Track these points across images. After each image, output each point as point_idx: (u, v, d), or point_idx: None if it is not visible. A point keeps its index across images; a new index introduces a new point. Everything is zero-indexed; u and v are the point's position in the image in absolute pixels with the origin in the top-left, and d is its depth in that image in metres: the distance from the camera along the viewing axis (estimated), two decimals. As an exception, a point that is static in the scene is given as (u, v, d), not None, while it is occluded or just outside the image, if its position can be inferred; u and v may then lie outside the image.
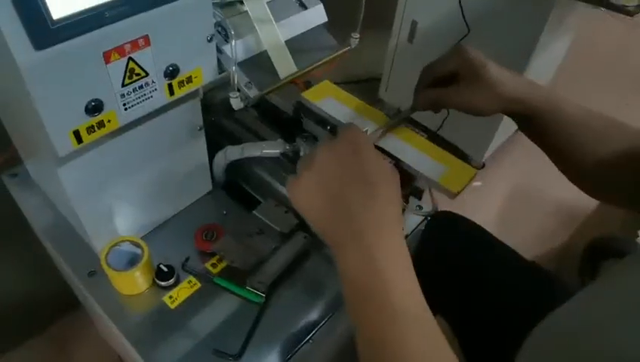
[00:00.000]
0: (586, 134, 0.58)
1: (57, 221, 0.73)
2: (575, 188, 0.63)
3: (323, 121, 0.65)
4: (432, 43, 1.58)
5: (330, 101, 0.66)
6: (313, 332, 0.63)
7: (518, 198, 1.75)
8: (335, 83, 0.69)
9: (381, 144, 0.61)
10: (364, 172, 0.44)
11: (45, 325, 1.21)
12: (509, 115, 0.60)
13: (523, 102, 0.57)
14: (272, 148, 0.66)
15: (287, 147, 0.65)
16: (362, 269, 0.42)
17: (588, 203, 0.60)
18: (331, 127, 0.63)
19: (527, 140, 0.63)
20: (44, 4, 0.41)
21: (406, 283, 0.42)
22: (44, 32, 0.42)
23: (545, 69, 1.64)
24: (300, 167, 0.47)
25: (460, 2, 1.41)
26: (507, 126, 1.67)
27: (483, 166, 1.97)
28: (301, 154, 0.64)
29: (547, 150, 0.62)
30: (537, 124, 0.59)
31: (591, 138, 0.58)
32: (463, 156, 0.62)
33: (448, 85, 0.59)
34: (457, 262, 0.84)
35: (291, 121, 0.69)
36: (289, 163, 0.70)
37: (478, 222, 0.88)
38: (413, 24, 1.60)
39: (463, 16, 1.42)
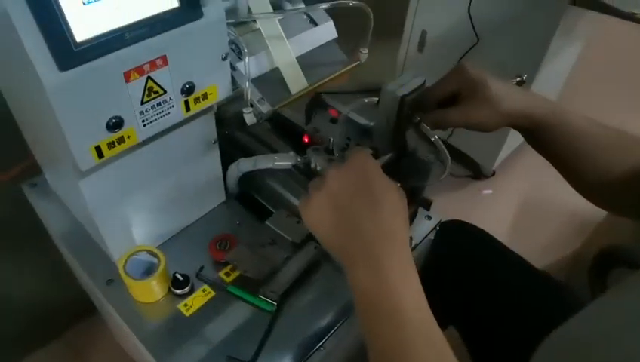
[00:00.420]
0: (592, 147, 0.58)
1: (76, 230, 0.75)
2: None
3: (333, 119, 0.67)
4: (441, 52, 1.59)
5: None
6: (324, 340, 0.65)
7: (529, 206, 1.75)
8: (346, 92, 0.71)
9: None
10: (371, 190, 0.47)
11: (61, 331, 1.23)
12: (514, 128, 0.61)
13: (527, 116, 0.58)
14: (284, 161, 0.68)
15: (299, 159, 0.67)
16: (372, 282, 0.44)
17: (599, 211, 0.61)
18: (339, 123, 0.64)
19: (537, 148, 0.63)
20: (68, 27, 0.43)
21: (413, 294, 0.44)
22: (68, 54, 0.44)
23: (555, 77, 1.64)
24: (311, 188, 0.50)
25: (469, 12, 1.42)
26: (517, 134, 1.67)
27: (493, 174, 1.97)
28: (312, 166, 0.66)
29: (553, 162, 0.63)
30: (543, 137, 0.59)
31: (597, 151, 0.58)
32: (471, 164, 0.63)
33: (450, 105, 0.60)
34: (467, 271, 0.84)
35: (302, 134, 0.71)
36: (300, 174, 0.71)
37: (488, 230, 0.88)
38: (423, 34, 1.62)
39: (472, 26, 1.43)
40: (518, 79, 0.64)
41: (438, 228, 0.82)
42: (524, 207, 1.75)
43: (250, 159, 0.71)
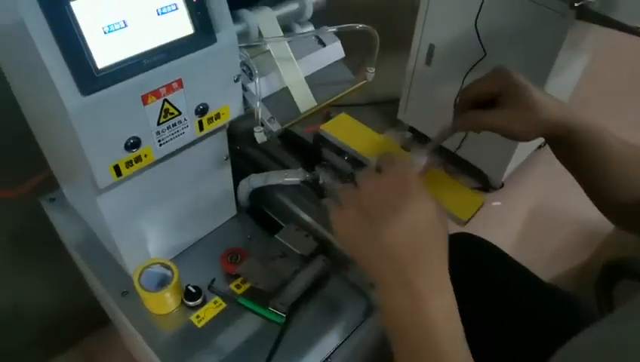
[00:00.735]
0: (618, 165, 0.57)
1: (91, 243, 0.77)
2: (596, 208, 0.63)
3: (341, 151, 0.69)
4: (449, 65, 1.61)
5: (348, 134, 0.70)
6: (332, 351, 0.66)
7: (538, 218, 1.75)
8: (356, 104, 0.73)
9: None
10: (412, 216, 0.45)
11: (76, 340, 1.26)
12: (546, 138, 0.60)
13: (563, 127, 0.57)
14: (293, 177, 0.70)
15: (307, 175, 0.69)
16: (404, 305, 0.44)
17: (608, 223, 0.62)
18: (349, 157, 0.67)
19: (547, 159, 0.64)
20: (91, 55, 0.46)
21: (448, 320, 0.44)
22: (90, 79, 0.47)
23: (562, 90, 1.65)
24: (345, 200, 0.47)
25: (475, 26, 1.44)
26: (526, 145, 1.68)
27: (502, 185, 1.97)
28: (320, 182, 0.68)
29: (579, 177, 0.62)
30: (574, 151, 0.58)
31: (622, 169, 0.57)
32: (480, 175, 0.65)
33: (487, 107, 0.59)
34: (473, 284, 0.85)
35: (311, 151, 0.73)
36: (310, 189, 0.73)
37: (497, 242, 0.88)
38: (431, 47, 1.64)
39: (479, 40, 1.45)
40: None
41: (444, 241, 0.83)
42: (533, 218, 1.75)
43: (262, 175, 0.73)
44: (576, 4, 1.23)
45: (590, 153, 0.58)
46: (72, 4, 0.44)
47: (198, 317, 0.68)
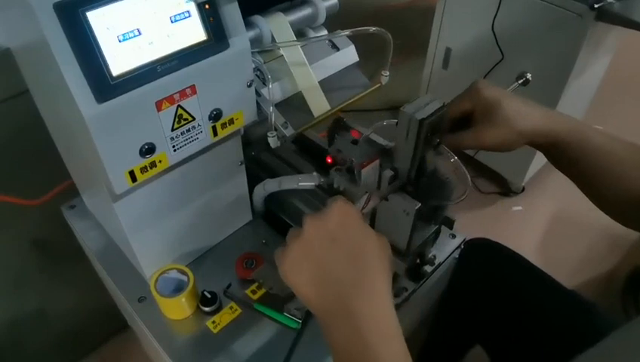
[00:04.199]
0: (611, 164, 0.57)
1: (111, 250, 0.78)
2: None
3: (354, 140, 0.68)
4: (466, 69, 1.60)
5: None
6: (348, 358, 0.65)
7: (561, 223, 1.71)
8: (373, 109, 0.72)
9: None
10: (352, 244, 0.45)
11: (96, 345, 1.27)
12: (533, 147, 0.60)
13: (545, 135, 0.57)
14: (307, 181, 0.70)
15: (322, 180, 0.69)
16: (352, 341, 0.42)
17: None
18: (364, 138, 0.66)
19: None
20: (106, 63, 0.47)
21: (392, 352, 0.43)
22: (106, 87, 0.48)
23: (583, 91, 1.62)
24: (289, 238, 0.48)
25: (492, 28, 1.42)
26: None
27: (523, 190, 1.93)
28: (335, 186, 0.68)
29: (574, 179, 0.62)
30: (562, 155, 0.58)
31: (616, 167, 0.57)
32: (500, 180, 0.64)
33: (467, 125, 0.59)
34: (493, 290, 0.84)
35: (326, 155, 0.73)
36: (324, 194, 0.73)
37: (518, 248, 0.86)
38: (448, 51, 1.62)
39: (497, 42, 1.44)
40: (522, 80, 0.63)
41: (462, 246, 0.82)
42: (555, 223, 1.72)
43: (276, 180, 0.73)
44: (595, 6, 1.21)
45: (578, 154, 0.57)
46: (88, 14, 0.45)
47: (213, 322, 0.68)
